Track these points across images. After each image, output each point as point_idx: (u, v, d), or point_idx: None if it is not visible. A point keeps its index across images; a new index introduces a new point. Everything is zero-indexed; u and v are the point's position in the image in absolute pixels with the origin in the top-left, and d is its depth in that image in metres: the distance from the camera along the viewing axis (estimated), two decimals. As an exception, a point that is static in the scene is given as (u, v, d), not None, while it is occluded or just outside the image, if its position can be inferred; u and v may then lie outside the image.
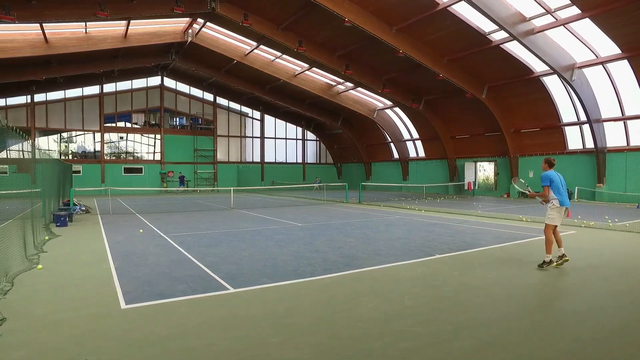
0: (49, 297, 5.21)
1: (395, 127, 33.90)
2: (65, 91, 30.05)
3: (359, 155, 39.00)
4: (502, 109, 24.52)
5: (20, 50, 20.09)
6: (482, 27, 19.16)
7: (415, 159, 33.58)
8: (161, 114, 33.95)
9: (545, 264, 6.51)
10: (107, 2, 17.25)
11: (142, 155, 34.15)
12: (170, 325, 4.25)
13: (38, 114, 29.42)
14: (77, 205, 15.68)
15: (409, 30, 20.25)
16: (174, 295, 5.32)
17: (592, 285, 5.75)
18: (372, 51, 23.24)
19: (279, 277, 6.22)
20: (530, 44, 18.26)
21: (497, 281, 5.97)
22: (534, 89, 22.40)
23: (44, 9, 16.79)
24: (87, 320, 4.41)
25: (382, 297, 5.21)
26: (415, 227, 11.74)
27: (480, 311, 4.67)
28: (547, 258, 6.55)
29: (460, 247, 8.66)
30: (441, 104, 27.70)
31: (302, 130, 41.68)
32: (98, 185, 30.01)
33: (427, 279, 6.10)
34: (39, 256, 7.70)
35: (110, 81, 31.17)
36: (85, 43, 21.33)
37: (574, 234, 10.45)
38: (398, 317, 4.47)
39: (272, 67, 28.12)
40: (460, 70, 22.87)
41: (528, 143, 24.77)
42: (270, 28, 21.95)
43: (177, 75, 33.71)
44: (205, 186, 35.25)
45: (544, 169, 6.82)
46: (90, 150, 32.06)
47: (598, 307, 4.79)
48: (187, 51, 27.59)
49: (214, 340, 3.89)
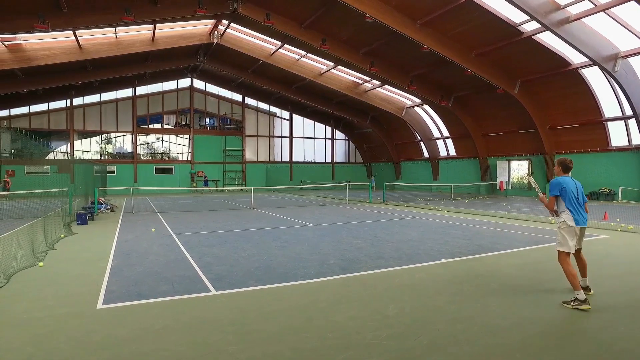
0: (32, 295, 5.27)
1: (425, 125, 32.93)
2: (101, 94, 31.52)
3: (388, 154, 38.24)
4: (537, 104, 23.13)
5: (57, 57, 21.19)
6: (512, 18, 18.10)
7: (446, 158, 32.45)
8: (191, 114, 34.82)
9: (576, 302, 4.60)
10: (133, 7, 17.78)
11: (174, 155, 35.20)
12: (134, 328, 4.14)
13: (76, 117, 31.02)
14: (103, 204, 16.25)
15: (434, 24, 19.49)
16: (154, 296, 5.23)
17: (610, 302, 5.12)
18: (397, 47, 22.61)
19: (267, 279, 6.01)
20: (566, 33, 17.06)
21: (498, 291, 5.46)
22: (572, 82, 20.94)
23: (75, 17, 17.56)
24: (57, 319, 4.39)
25: (365, 304, 4.87)
26: (431, 229, 11.19)
27: (468, 325, 4.23)
28: (579, 295, 4.62)
29: (473, 251, 8.10)
30: (472, 100, 26.56)
31: (331, 129, 41.43)
32: (131, 184, 31.17)
33: (422, 286, 5.68)
34: (46, 253, 7.92)
35: (143, 84, 32.38)
36: (115, 48, 22.19)
37: (607, 238, 9.56)
38: (374, 327, 4.13)
39: (298, 66, 28.07)
40: (490, 65, 21.78)
41: (566, 140, 23.23)
42: (293, 27, 21.86)
43: (206, 76, 34.45)
44: (234, 186, 35.78)
45: (557, 173, 5.13)
46: (124, 151, 33.41)
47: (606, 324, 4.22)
48: (214, 52, 28.08)
49: (169, 345, 3.73)
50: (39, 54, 20.89)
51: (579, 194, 4.98)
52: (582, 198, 4.99)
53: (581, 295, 4.61)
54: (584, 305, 4.54)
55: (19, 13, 16.60)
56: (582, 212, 4.93)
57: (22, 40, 20.46)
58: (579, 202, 4.93)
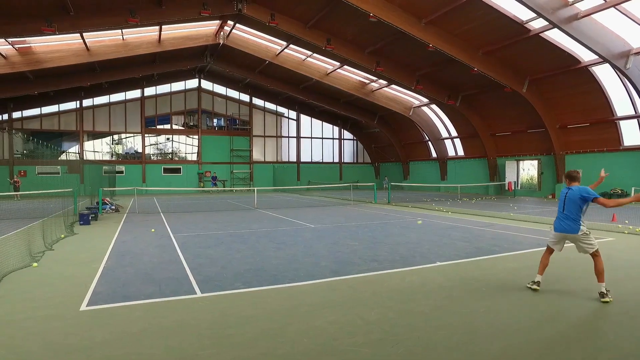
0: (19, 296, 5.31)
1: (432, 124, 32.59)
2: (110, 96, 31.94)
3: (396, 154, 37.96)
4: (546, 103, 22.68)
5: (65, 59, 21.52)
6: (519, 16, 17.76)
7: (454, 158, 32.06)
8: (199, 115, 35.06)
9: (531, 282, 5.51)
10: (137, 9, 17.95)
11: (181, 155, 35.49)
12: (112, 331, 4.13)
13: (86, 118, 31.49)
14: (108, 204, 16.42)
15: (439, 23, 19.25)
16: (138, 298, 5.23)
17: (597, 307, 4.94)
18: (403, 46, 22.39)
19: (256, 282, 5.97)
20: (575, 31, 16.66)
21: (488, 296, 5.32)
22: (582, 80, 20.47)
23: (81, 19, 17.79)
24: (38, 322, 4.40)
25: (349, 309, 4.78)
26: (432, 231, 11.02)
27: (450, 332, 4.11)
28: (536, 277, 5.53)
29: (470, 253, 7.94)
30: (479, 99, 26.18)
31: (338, 129, 41.30)
32: (140, 184, 31.52)
33: (411, 290, 5.57)
34: (43, 254, 8.00)
35: (151, 85, 32.70)
36: (122, 49, 22.44)
37: (612, 241, 9.29)
38: (352, 333, 4.04)
39: (304, 67, 28.02)
40: (498, 63, 21.42)
41: (576, 139, 22.73)
42: (298, 27, 21.82)
43: (213, 77, 34.64)
44: (242, 186, 35.91)
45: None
46: (132, 152, 33.80)
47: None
48: (221, 53, 28.21)
49: (143, 349, 3.71)
50: (48, 57, 21.24)
51: (564, 204, 5.31)
52: (565, 207, 5.28)
53: (536, 277, 5.52)
54: (534, 285, 5.43)
55: (27, 17, 16.90)
56: (562, 220, 5.32)
57: (32, 43, 20.82)
58: (560, 210, 5.38)
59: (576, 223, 5.18)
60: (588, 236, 5.17)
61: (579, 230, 5.17)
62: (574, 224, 5.19)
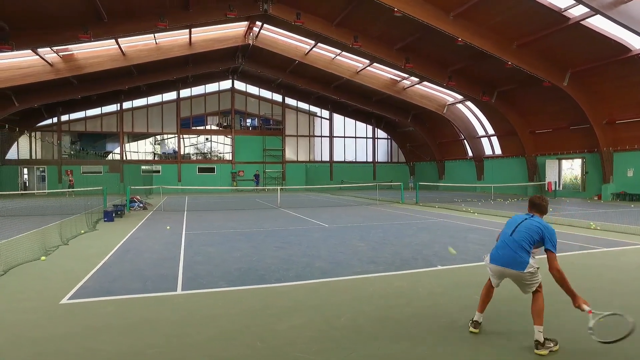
0: (13, 288, 5.56)
1: (468, 122, 31.30)
2: (147, 98, 33.53)
3: (431, 153, 36.85)
4: (590, 97, 21.03)
5: (103, 64, 22.76)
6: (556, 3, 16.56)
7: (491, 157, 30.59)
8: (232, 115, 35.85)
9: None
10: (166, 14, 18.57)
11: (216, 155, 36.47)
12: (78, 325, 4.21)
13: (126, 120, 33.21)
14: (136, 202, 17.10)
15: (469, 15, 18.36)
16: (120, 293, 5.32)
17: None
18: (433, 42, 21.62)
19: (240, 281, 5.90)
20: (621, 16, 15.29)
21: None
22: (633, 70, 18.77)
23: (114, 25, 18.69)
24: (15, 314, 4.57)
25: (319, 313, 4.58)
26: (448, 232, 10.49)
27: (415, 342, 3.80)
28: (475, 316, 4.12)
29: (478, 258, 7.40)
30: (516, 95, 24.77)
31: (372, 128, 40.73)
32: (176, 183, 32.74)
33: (394, 295, 5.26)
34: (57, 248, 8.39)
35: (186, 87, 33.91)
36: (155, 53, 23.37)
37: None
38: (311, 339, 3.84)
39: (334, 65, 27.84)
40: (534, 56, 20.12)
41: (626, 136, 20.89)
42: (324, 25, 21.68)
43: (246, 78, 35.29)
44: (274, 185, 36.33)
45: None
46: (171, 152, 35.20)
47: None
48: (252, 54, 28.66)
49: (97, 344, 3.73)
50: (88, 62, 22.54)
51: (514, 229, 3.88)
52: (516, 232, 3.83)
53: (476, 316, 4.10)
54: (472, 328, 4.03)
55: (65, 25, 17.99)
56: (505, 248, 3.82)
57: (74, 50, 22.15)
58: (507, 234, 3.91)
59: (524, 254, 3.71)
60: (534, 274, 3.73)
61: (526, 265, 3.67)
62: (521, 255, 3.70)
